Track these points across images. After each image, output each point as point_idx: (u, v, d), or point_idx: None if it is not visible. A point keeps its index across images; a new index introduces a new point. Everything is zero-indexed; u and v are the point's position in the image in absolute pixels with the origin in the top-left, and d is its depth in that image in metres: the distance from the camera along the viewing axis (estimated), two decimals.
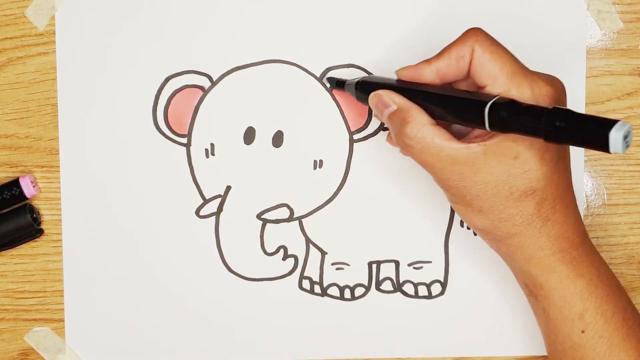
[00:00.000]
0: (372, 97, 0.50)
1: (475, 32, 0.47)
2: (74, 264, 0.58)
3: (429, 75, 0.48)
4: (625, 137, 0.39)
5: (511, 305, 0.58)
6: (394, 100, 0.48)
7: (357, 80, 0.53)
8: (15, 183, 0.56)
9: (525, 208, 0.47)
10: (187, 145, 0.57)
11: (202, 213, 0.58)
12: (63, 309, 0.58)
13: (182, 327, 0.58)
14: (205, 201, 0.58)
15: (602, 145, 0.39)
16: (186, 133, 0.57)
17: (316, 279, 0.58)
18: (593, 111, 0.57)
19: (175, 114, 0.57)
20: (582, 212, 0.58)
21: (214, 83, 0.57)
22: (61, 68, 0.57)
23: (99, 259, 0.58)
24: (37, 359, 0.58)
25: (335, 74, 0.57)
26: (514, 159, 0.46)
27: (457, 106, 0.46)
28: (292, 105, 0.57)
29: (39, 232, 0.57)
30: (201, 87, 0.57)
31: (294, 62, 0.57)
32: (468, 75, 0.48)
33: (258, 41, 0.57)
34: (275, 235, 0.58)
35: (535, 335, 0.58)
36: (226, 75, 0.57)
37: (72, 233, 0.58)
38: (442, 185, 0.48)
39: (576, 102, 0.57)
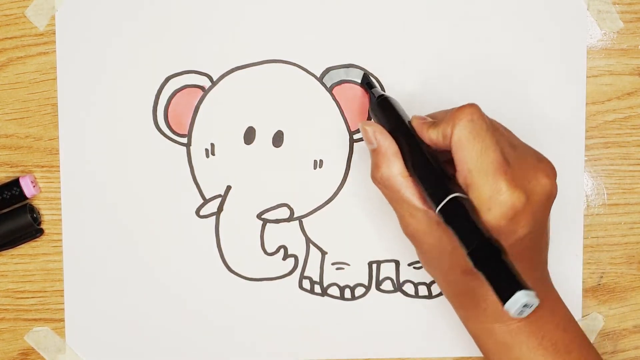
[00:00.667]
0: (361, 126, 0.51)
1: (462, 112, 0.47)
2: (74, 264, 0.58)
3: (427, 139, 0.49)
4: (522, 308, 0.41)
5: None
6: (376, 138, 0.50)
7: (379, 95, 0.54)
8: (15, 183, 0.56)
9: (466, 282, 0.48)
10: (187, 145, 0.57)
11: (202, 213, 0.58)
12: (63, 309, 0.58)
13: (182, 327, 0.58)
14: (206, 201, 0.58)
15: (500, 299, 0.41)
16: (186, 133, 0.57)
17: (316, 278, 0.58)
18: (594, 111, 0.57)
19: (176, 113, 0.57)
20: (582, 212, 0.58)
21: (214, 83, 0.57)
22: (61, 68, 0.57)
23: (99, 259, 0.58)
24: (37, 358, 0.58)
25: (337, 74, 0.57)
26: (452, 248, 0.46)
27: (427, 178, 0.47)
28: (292, 105, 0.57)
29: (39, 232, 0.57)
30: (201, 87, 0.57)
31: (294, 62, 0.57)
32: None
33: (258, 41, 0.57)
34: (276, 235, 0.58)
35: None
36: (226, 75, 0.57)
37: (72, 233, 0.58)
38: (401, 227, 0.49)
39: (576, 102, 0.57)
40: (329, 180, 0.57)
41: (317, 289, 0.58)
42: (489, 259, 0.42)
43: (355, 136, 0.57)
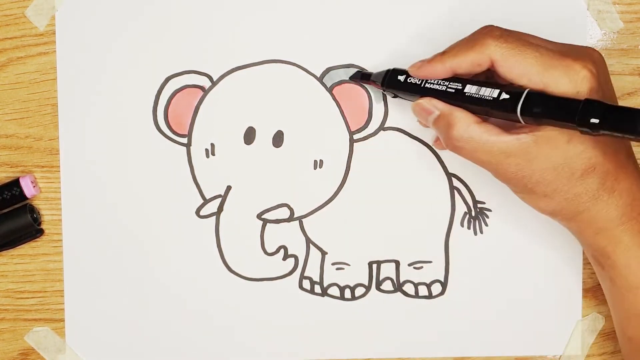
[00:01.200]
0: (414, 106, 0.51)
1: (490, 36, 0.47)
2: (74, 264, 0.58)
3: (443, 73, 0.49)
4: None
5: (511, 305, 0.58)
6: (435, 106, 0.49)
7: (384, 72, 0.53)
8: (15, 183, 0.56)
9: (589, 185, 0.47)
10: (187, 145, 0.57)
11: (202, 213, 0.58)
12: (63, 309, 0.58)
13: (182, 327, 0.58)
14: (206, 201, 0.58)
15: (633, 133, 0.41)
16: (186, 133, 0.57)
17: (316, 279, 0.58)
18: None
19: (176, 114, 0.57)
20: None
21: (214, 83, 0.57)
22: (61, 68, 0.57)
23: (99, 259, 0.58)
24: (37, 359, 0.58)
25: (337, 74, 0.57)
26: (567, 143, 0.46)
27: (491, 107, 0.47)
28: (292, 105, 0.57)
29: (39, 232, 0.57)
30: (201, 87, 0.57)
31: (294, 62, 0.57)
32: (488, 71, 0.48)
33: (258, 41, 0.57)
34: (276, 235, 0.58)
35: (535, 335, 0.58)
36: (226, 75, 0.57)
37: (72, 233, 0.58)
38: (501, 179, 0.48)
39: None
40: (329, 180, 0.57)
41: (317, 289, 0.58)
42: (601, 114, 0.42)
43: (355, 136, 0.57)
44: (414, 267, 0.58)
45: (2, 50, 0.57)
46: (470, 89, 0.48)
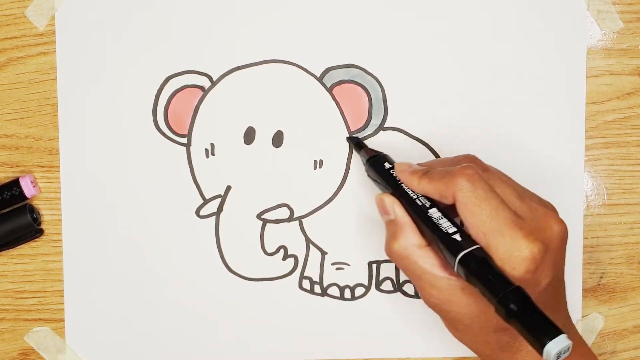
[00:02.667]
0: (377, 198, 0.51)
1: (462, 175, 0.46)
2: (74, 264, 0.58)
3: (417, 190, 0.49)
4: (560, 354, 0.40)
5: None
6: (394, 210, 0.49)
7: (370, 157, 0.54)
8: (15, 183, 0.56)
9: (499, 338, 0.47)
10: (187, 145, 0.57)
11: (202, 213, 0.58)
12: (63, 309, 0.58)
13: (182, 327, 0.58)
14: (205, 201, 0.58)
15: (536, 347, 0.40)
16: (186, 133, 0.57)
17: (316, 279, 0.58)
18: (594, 111, 0.57)
19: (175, 114, 0.57)
20: (582, 212, 0.58)
21: (214, 83, 0.57)
22: (61, 68, 0.57)
23: (99, 259, 0.58)
24: (37, 359, 0.58)
25: (337, 74, 0.57)
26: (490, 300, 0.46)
27: (441, 239, 0.47)
28: (292, 105, 0.57)
29: (39, 232, 0.57)
30: (201, 87, 0.57)
31: (294, 62, 0.57)
32: None
33: (258, 41, 0.57)
34: (275, 235, 0.58)
35: None
36: (226, 75, 0.57)
37: (72, 233, 0.58)
38: (423, 299, 0.49)
39: (576, 102, 0.57)
40: (329, 180, 0.57)
41: (317, 289, 0.58)
42: (520, 308, 0.42)
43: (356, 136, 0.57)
44: None
45: (1, 50, 0.57)
46: (433, 213, 0.48)
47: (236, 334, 0.58)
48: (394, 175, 0.51)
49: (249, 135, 0.57)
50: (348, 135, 0.57)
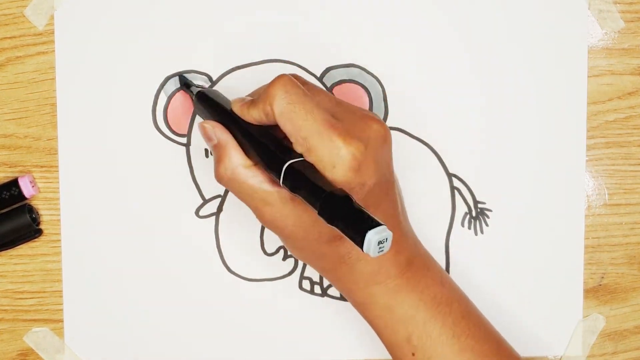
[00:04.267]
0: (200, 126, 0.50)
1: (275, 87, 0.46)
2: (73, 264, 0.58)
3: (251, 119, 0.48)
4: (380, 242, 0.39)
5: (511, 305, 0.58)
6: (216, 134, 0.49)
7: (198, 90, 0.53)
8: (14, 183, 0.56)
9: (335, 249, 0.47)
10: (187, 145, 0.57)
11: (202, 213, 0.58)
12: (62, 310, 0.58)
13: (181, 327, 0.58)
14: (205, 201, 0.57)
15: (358, 242, 0.40)
16: (186, 133, 0.57)
17: (316, 279, 0.58)
18: (595, 111, 0.57)
19: (175, 113, 0.57)
20: (583, 212, 0.58)
21: (214, 83, 0.57)
22: (60, 68, 0.57)
23: (98, 259, 0.58)
24: (36, 359, 0.58)
25: (337, 74, 0.57)
26: None
27: (264, 156, 0.47)
28: None
29: (38, 233, 0.57)
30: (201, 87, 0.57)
31: (294, 62, 0.57)
32: None
33: (258, 41, 0.57)
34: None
35: (536, 335, 0.58)
36: (226, 75, 0.57)
37: (71, 233, 0.57)
38: (259, 219, 0.49)
39: (577, 102, 0.57)
40: None
41: (317, 289, 0.58)
42: (338, 209, 0.41)
43: None
44: None
45: (0, 49, 0.56)
46: (256, 131, 0.47)
47: (236, 334, 0.58)
48: (222, 106, 0.51)
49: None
50: (176, 73, 0.56)
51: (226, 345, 0.58)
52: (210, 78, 0.57)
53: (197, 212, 0.58)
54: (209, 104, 0.52)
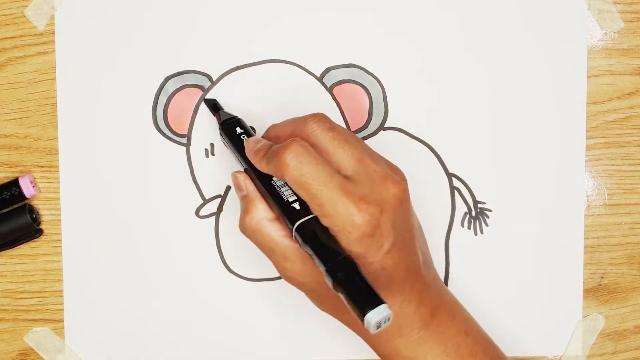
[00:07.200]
0: (232, 176, 0.51)
1: (285, 154, 0.46)
2: (74, 264, 0.58)
3: (262, 170, 0.48)
4: (380, 323, 0.41)
5: (511, 306, 0.58)
6: (246, 186, 0.49)
7: (223, 120, 0.53)
8: (14, 183, 0.56)
9: None
10: (187, 145, 0.57)
11: (202, 213, 0.58)
12: (62, 309, 0.58)
13: (181, 327, 0.58)
14: (205, 201, 0.57)
15: (359, 317, 0.41)
16: (186, 133, 0.57)
17: None
18: (594, 111, 0.57)
19: (175, 113, 0.57)
20: (582, 212, 0.58)
21: (214, 83, 0.57)
22: (60, 68, 0.57)
23: (99, 259, 0.58)
24: (36, 359, 0.58)
25: (337, 74, 0.57)
26: None
27: (282, 208, 0.47)
28: (292, 105, 0.57)
29: (39, 232, 0.57)
30: (201, 87, 0.57)
31: (294, 62, 0.57)
32: None
33: (258, 41, 0.57)
34: None
35: (536, 335, 0.58)
36: (226, 75, 0.57)
37: (71, 233, 0.57)
38: (280, 274, 0.49)
39: (577, 102, 0.57)
40: None
41: None
42: (343, 278, 0.42)
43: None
44: None
45: (1, 50, 0.57)
46: (277, 181, 0.48)
47: (236, 334, 0.58)
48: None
49: (249, 135, 0.57)
50: (206, 98, 0.56)
51: (226, 345, 0.58)
52: (210, 78, 0.57)
53: (197, 212, 0.58)
54: (232, 138, 0.52)
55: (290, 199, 0.47)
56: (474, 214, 0.58)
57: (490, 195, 0.58)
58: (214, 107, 0.56)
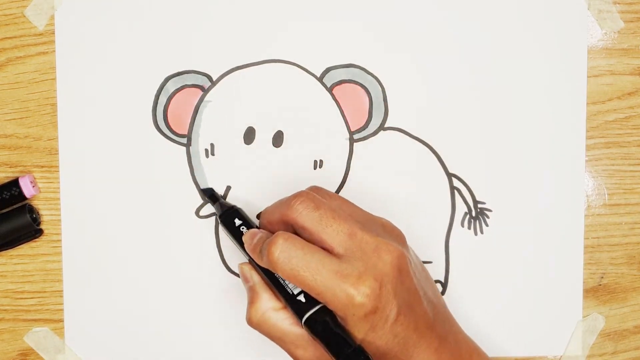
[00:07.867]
0: (239, 267, 0.51)
1: (273, 253, 0.46)
2: (74, 264, 0.58)
3: (260, 264, 0.49)
4: None
5: (511, 306, 0.58)
6: (252, 277, 0.50)
7: (222, 212, 0.54)
8: (14, 183, 0.56)
9: None
10: (187, 145, 0.57)
11: (202, 213, 0.58)
12: (62, 309, 0.58)
13: (181, 327, 0.58)
14: (205, 201, 0.57)
15: None
16: (186, 133, 0.57)
17: None
18: (594, 111, 0.57)
19: (175, 113, 0.57)
20: (582, 212, 0.58)
21: (214, 83, 0.57)
22: (60, 68, 0.57)
23: (99, 259, 0.58)
24: (36, 359, 0.58)
25: (337, 74, 0.57)
26: None
27: (288, 300, 0.48)
28: (292, 105, 0.57)
29: (39, 232, 0.57)
30: (201, 87, 0.57)
31: (294, 62, 0.57)
32: None
33: (258, 41, 0.57)
34: None
35: (536, 335, 0.58)
36: (226, 75, 0.57)
37: (71, 233, 0.57)
38: (289, 355, 0.49)
39: (577, 102, 0.57)
40: (329, 180, 0.57)
41: None
42: None
43: (355, 136, 0.57)
44: None
45: (1, 50, 0.57)
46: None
47: (236, 334, 0.58)
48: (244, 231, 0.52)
49: (249, 135, 0.57)
50: (203, 188, 0.57)
51: (226, 345, 0.58)
52: (210, 78, 0.57)
53: (197, 212, 0.58)
54: (232, 230, 0.52)
55: (295, 292, 0.47)
56: (474, 214, 0.58)
57: (490, 195, 0.58)
58: (212, 197, 0.56)
